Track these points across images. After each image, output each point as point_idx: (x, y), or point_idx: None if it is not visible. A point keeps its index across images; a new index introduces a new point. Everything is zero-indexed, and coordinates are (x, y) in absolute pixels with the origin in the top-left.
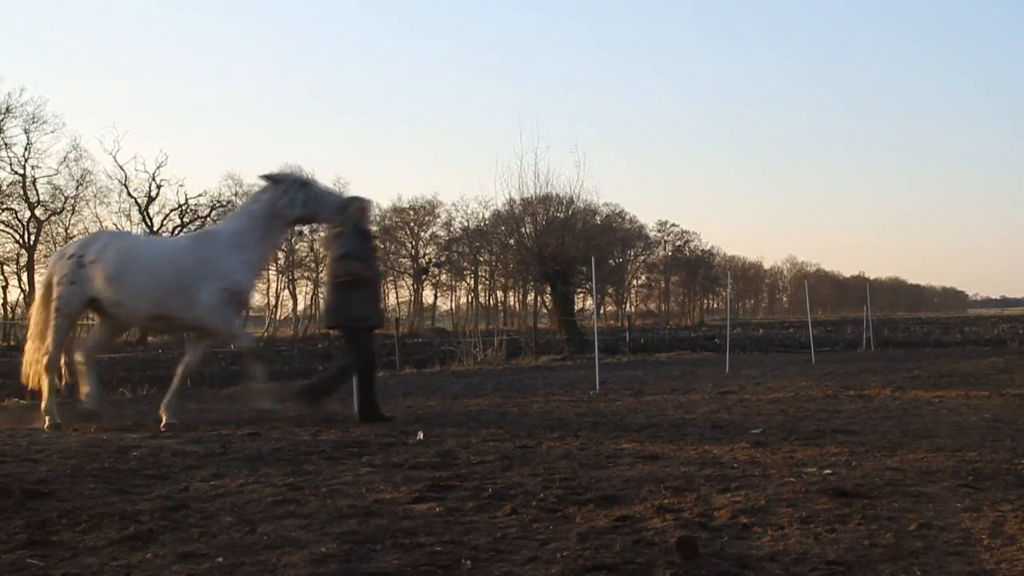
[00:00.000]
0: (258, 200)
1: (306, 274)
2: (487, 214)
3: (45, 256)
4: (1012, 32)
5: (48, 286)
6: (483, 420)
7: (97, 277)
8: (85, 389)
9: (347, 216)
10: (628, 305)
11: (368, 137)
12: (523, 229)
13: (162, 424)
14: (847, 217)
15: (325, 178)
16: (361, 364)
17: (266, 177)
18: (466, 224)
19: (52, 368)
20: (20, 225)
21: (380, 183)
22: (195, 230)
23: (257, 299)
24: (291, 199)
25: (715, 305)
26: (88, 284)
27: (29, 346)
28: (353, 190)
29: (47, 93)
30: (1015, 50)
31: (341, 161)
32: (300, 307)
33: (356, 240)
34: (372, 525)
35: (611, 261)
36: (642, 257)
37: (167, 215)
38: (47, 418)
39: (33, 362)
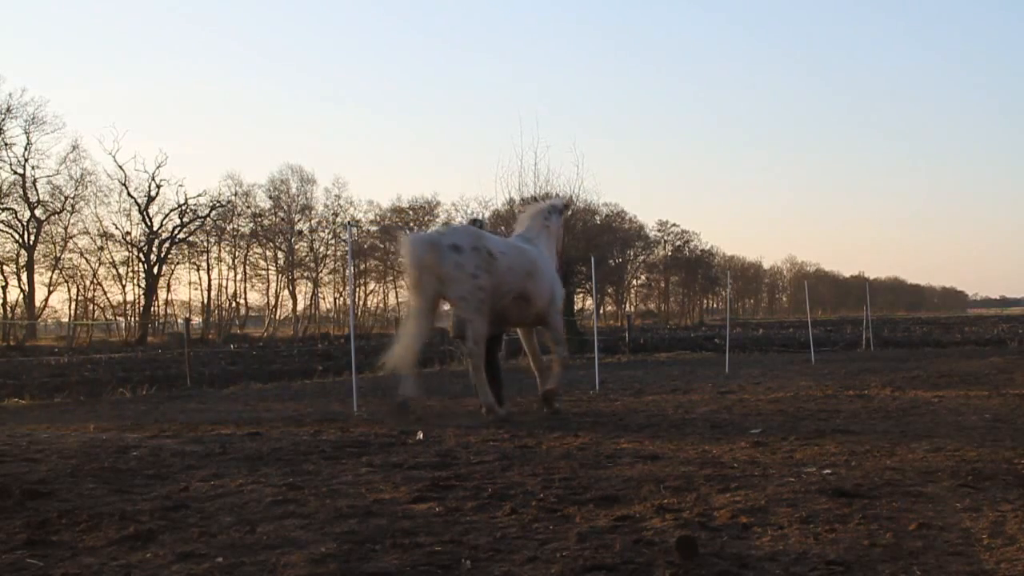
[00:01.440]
0: (550, 219)
1: (305, 274)
2: (487, 214)
3: (45, 256)
4: (1012, 31)
5: (418, 273)
6: (483, 420)
7: (512, 270)
8: (488, 397)
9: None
10: (628, 305)
11: (368, 137)
12: None
13: (549, 410)
14: (847, 217)
15: (325, 178)
16: (491, 358)
17: (564, 202)
18: None
19: (479, 362)
20: (20, 225)
21: (380, 183)
22: (514, 237)
23: (256, 299)
24: (561, 226)
25: (715, 305)
26: (498, 276)
27: (407, 331)
28: (353, 190)
29: (48, 93)
30: (1015, 50)
31: (341, 161)
32: (300, 307)
33: None
34: (372, 525)
35: (611, 261)
36: (642, 257)
37: (167, 215)
38: (488, 408)
39: (409, 348)
